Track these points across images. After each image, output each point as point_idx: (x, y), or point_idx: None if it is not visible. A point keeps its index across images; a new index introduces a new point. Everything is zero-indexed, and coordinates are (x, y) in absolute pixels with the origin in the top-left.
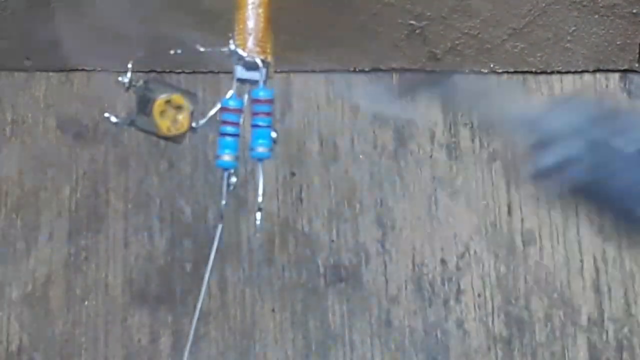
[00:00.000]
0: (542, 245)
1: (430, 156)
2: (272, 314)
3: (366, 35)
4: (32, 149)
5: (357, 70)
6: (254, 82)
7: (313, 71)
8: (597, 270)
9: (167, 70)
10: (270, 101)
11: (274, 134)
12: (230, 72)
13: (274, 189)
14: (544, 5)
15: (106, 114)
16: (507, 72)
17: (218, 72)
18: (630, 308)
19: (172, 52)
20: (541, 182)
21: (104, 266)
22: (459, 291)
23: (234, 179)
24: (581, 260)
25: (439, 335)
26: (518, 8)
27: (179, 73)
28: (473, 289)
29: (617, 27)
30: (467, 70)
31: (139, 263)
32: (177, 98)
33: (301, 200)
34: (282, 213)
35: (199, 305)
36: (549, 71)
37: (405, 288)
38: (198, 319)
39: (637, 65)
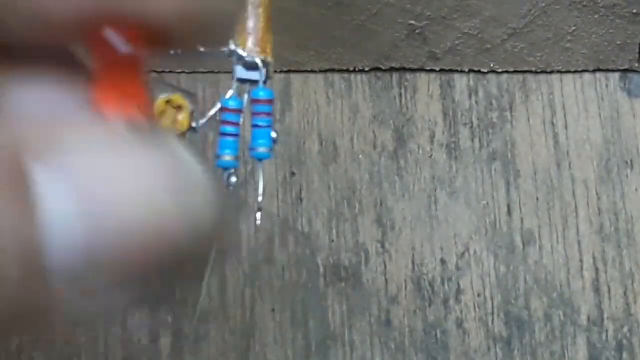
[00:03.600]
0: (542, 245)
1: (430, 156)
2: (272, 314)
3: (366, 35)
4: None
5: (357, 70)
6: (254, 82)
7: (313, 71)
8: (596, 270)
9: (167, 70)
10: (271, 101)
11: (274, 134)
12: (230, 72)
13: (274, 189)
14: (544, 5)
15: None
16: (507, 72)
17: (218, 72)
18: (630, 308)
19: (172, 52)
20: None
21: None
22: (458, 291)
23: (234, 179)
24: (581, 260)
25: (439, 335)
26: (518, 8)
27: (179, 73)
28: (473, 288)
29: (617, 27)
30: (467, 70)
31: None
32: (177, 98)
33: (301, 200)
34: (282, 213)
35: (199, 305)
36: (549, 71)
37: (405, 288)
38: (198, 319)
39: (637, 65)
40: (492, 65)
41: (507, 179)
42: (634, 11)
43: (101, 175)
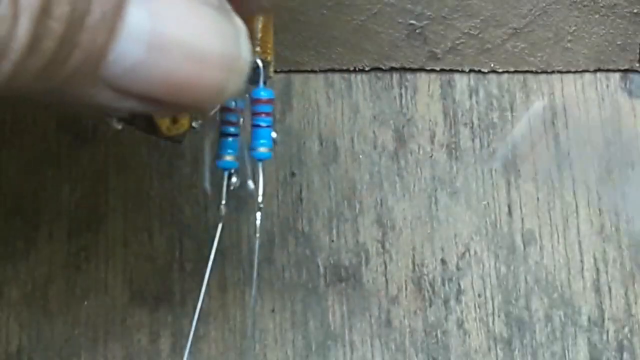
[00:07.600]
0: (542, 245)
1: (431, 156)
2: (272, 314)
3: (366, 35)
4: (32, 149)
5: (357, 70)
6: (255, 82)
7: (313, 71)
8: (597, 270)
9: None
10: (271, 101)
11: (274, 135)
12: None
13: (274, 189)
14: (544, 5)
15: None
16: (508, 72)
17: None
18: (630, 308)
19: None
20: None
21: (103, 266)
22: (459, 291)
23: (234, 179)
24: (581, 261)
25: (439, 335)
26: (518, 8)
27: None
28: (473, 289)
29: (617, 27)
30: (467, 70)
31: (138, 263)
32: None
33: (301, 200)
34: (282, 213)
35: (199, 306)
36: (549, 71)
37: (405, 288)
38: (198, 319)
39: (637, 65)
40: (492, 65)
41: (508, 179)
42: (635, 11)
43: (174, 12)
